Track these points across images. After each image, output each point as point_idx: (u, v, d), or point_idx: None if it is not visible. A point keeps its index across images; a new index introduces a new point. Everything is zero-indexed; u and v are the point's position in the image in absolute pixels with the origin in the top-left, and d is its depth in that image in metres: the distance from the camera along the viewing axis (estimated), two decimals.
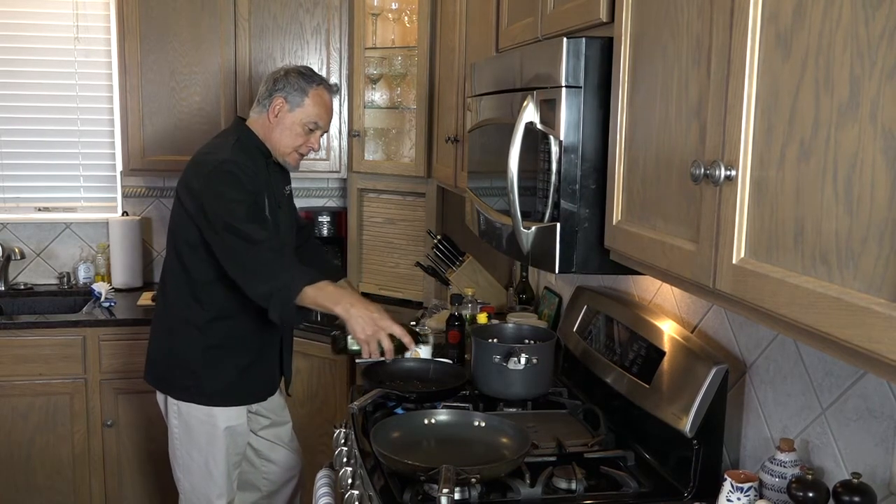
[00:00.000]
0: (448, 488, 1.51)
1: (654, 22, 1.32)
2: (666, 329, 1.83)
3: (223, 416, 2.43)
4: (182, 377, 2.42)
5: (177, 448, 2.49)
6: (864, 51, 0.83)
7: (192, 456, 2.46)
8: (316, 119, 2.42)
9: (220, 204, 2.23)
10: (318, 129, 2.45)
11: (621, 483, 1.74)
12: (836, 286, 0.88)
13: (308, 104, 2.40)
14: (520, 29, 1.97)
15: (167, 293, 2.48)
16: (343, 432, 2.19)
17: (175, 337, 2.44)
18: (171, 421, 2.48)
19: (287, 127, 2.40)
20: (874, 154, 0.82)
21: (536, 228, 1.59)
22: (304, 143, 2.44)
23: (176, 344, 2.43)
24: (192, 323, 2.40)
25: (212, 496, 2.48)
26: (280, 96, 2.39)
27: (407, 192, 3.45)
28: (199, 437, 2.43)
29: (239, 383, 2.44)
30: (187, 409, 2.42)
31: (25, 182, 3.74)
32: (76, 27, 3.67)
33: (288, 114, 2.40)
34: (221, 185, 2.25)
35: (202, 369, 2.40)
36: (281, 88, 2.39)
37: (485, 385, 2.19)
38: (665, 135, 1.28)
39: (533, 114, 1.58)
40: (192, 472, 2.48)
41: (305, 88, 2.40)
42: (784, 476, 1.42)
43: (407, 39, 3.39)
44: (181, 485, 2.53)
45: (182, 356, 2.42)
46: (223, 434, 2.43)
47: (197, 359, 2.40)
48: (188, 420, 2.43)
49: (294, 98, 2.39)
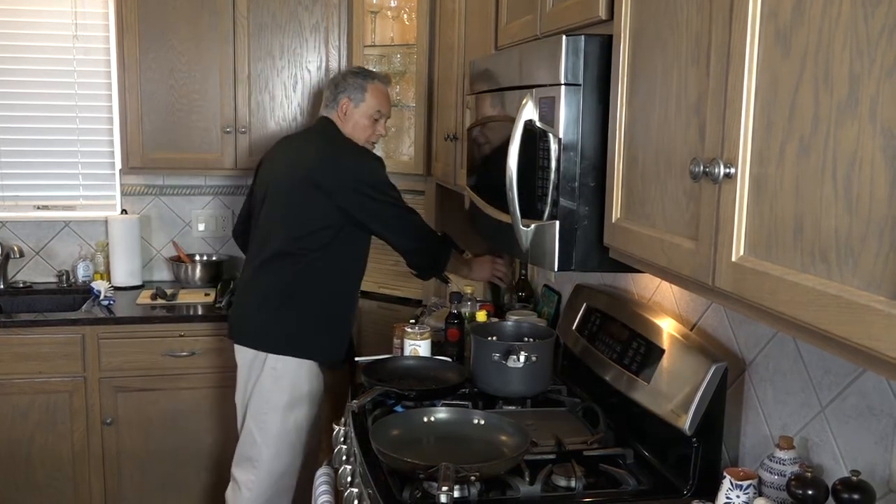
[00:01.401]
0: (447, 486, 1.52)
1: (653, 19, 1.32)
2: (665, 327, 1.83)
3: (313, 371, 2.66)
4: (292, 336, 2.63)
5: (263, 410, 2.62)
6: (864, 48, 0.83)
7: (279, 414, 2.61)
8: (379, 108, 2.74)
9: (386, 192, 2.62)
10: (382, 117, 2.77)
11: (620, 481, 1.74)
12: (835, 284, 0.88)
13: (369, 97, 2.72)
14: (519, 27, 1.97)
15: (279, 265, 2.64)
16: (343, 430, 2.19)
17: (288, 302, 2.63)
18: (265, 383, 2.61)
19: (356, 121, 2.72)
20: (873, 151, 0.82)
21: (536, 226, 1.59)
22: (373, 133, 2.76)
23: (289, 309, 2.63)
24: (302, 292, 2.62)
25: (297, 461, 2.68)
26: (345, 96, 2.72)
27: (406, 190, 3.43)
28: (293, 393, 2.62)
29: (339, 344, 2.71)
30: (288, 364, 2.61)
31: (24, 180, 3.73)
32: (75, 25, 3.66)
33: (354, 110, 2.72)
34: (379, 173, 2.63)
35: (313, 332, 2.64)
36: (343, 90, 2.72)
37: (484, 383, 2.20)
38: (664, 132, 1.28)
39: (532, 112, 1.58)
40: (276, 435, 2.62)
41: (364, 85, 2.73)
42: (783, 474, 1.42)
43: (406, 37, 3.38)
44: (262, 453, 2.63)
45: (291, 319, 2.63)
46: (311, 387, 2.66)
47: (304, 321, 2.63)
48: (284, 376, 2.60)
49: (356, 95, 2.72)
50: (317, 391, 2.70)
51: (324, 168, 2.58)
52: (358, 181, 2.57)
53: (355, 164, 2.62)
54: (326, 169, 2.57)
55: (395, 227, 2.63)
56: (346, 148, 2.68)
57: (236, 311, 2.79)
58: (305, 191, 2.58)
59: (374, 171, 2.62)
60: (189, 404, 3.25)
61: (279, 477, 2.66)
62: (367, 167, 2.62)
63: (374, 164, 2.65)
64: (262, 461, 2.63)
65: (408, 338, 2.44)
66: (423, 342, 2.43)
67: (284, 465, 2.66)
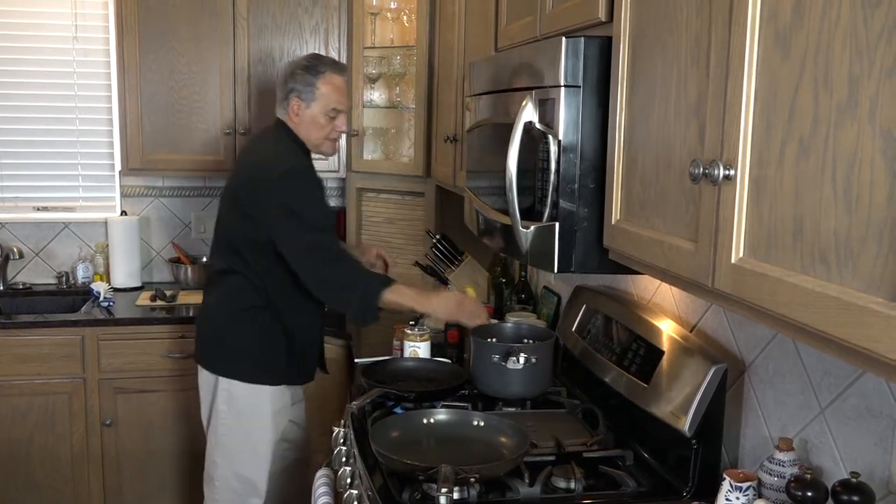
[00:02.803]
0: (447, 488, 1.51)
1: (652, 21, 1.32)
2: (665, 328, 1.83)
3: (271, 395, 2.49)
4: (240, 360, 2.49)
5: (220, 433, 2.51)
6: (863, 50, 0.83)
7: (236, 439, 2.49)
8: (333, 105, 2.49)
9: (295, 216, 2.32)
10: (340, 113, 2.52)
11: (620, 482, 1.74)
12: (834, 285, 0.88)
13: (321, 95, 2.47)
14: (519, 28, 1.97)
15: (224, 282, 2.51)
16: (342, 432, 2.19)
17: (235, 323, 2.49)
18: (220, 406, 2.50)
19: (310, 121, 2.48)
20: (873, 153, 0.82)
21: (535, 228, 1.59)
22: (331, 130, 2.52)
23: (236, 329, 2.49)
24: (249, 311, 2.46)
25: (257, 481, 2.51)
26: (294, 96, 2.47)
27: (406, 191, 3.45)
28: (248, 419, 2.48)
29: (288, 365, 2.52)
30: (241, 389, 2.47)
31: (24, 181, 3.73)
32: (75, 26, 3.67)
33: (306, 110, 2.47)
34: (294, 193, 2.34)
35: (258, 352, 2.48)
36: (292, 89, 2.47)
37: (484, 384, 2.19)
38: (664, 134, 1.28)
39: (532, 113, 1.58)
40: (232, 456, 2.50)
41: (313, 81, 2.46)
42: (783, 475, 1.42)
43: (406, 39, 3.39)
44: (218, 471, 2.53)
45: (240, 340, 2.48)
46: (267, 413, 2.48)
47: (254, 343, 2.47)
48: (238, 401, 2.47)
49: (306, 94, 2.46)
50: (282, 409, 2.54)
51: (251, 183, 2.41)
52: (278, 200, 2.32)
53: (278, 181, 2.34)
54: (254, 184, 2.40)
55: (301, 259, 2.34)
56: (278, 161, 2.40)
57: (196, 327, 2.67)
58: (237, 205, 2.43)
59: (296, 191, 2.34)
60: (188, 405, 3.24)
61: (239, 495, 2.53)
62: (289, 185, 2.34)
63: (299, 183, 2.36)
64: (221, 479, 2.54)
65: (407, 339, 2.44)
66: (422, 344, 2.43)
67: (245, 484, 2.52)
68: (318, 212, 2.39)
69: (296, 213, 2.33)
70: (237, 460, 2.51)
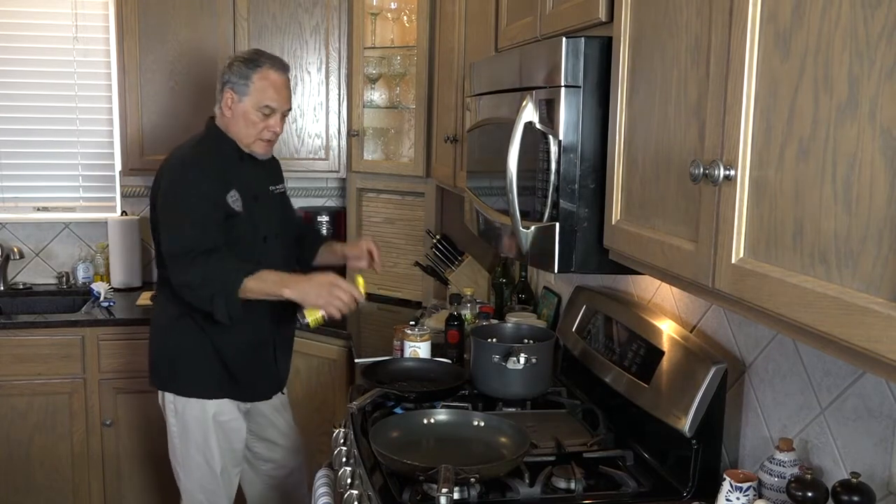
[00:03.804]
0: (447, 488, 1.51)
1: (652, 22, 1.32)
2: (665, 329, 1.83)
3: (214, 409, 2.42)
4: (176, 373, 2.44)
5: (176, 447, 2.49)
6: (863, 50, 0.83)
7: (189, 453, 2.46)
8: (267, 102, 2.36)
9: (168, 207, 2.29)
10: (275, 112, 2.39)
11: (620, 483, 1.74)
12: (834, 285, 0.88)
13: (254, 89, 2.36)
14: (519, 28, 1.97)
15: (160, 292, 2.51)
16: (342, 432, 2.19)
17: (169, 334, 2.46)
18: (169, 419, 2.48)
19: (242, 117, 2.37)
20: (873, 153, 0.82)
21: (535, 228, 1.59)
22: (264, 129, 2.39)
23: (170, 341, 2.45)
24: (181, 320, 2.40)
25: (218, 493, 2.48)
26: (228, 88, 2.37)
27: (406, 191, 3.45)
28: (195, 433, 2.43)
29: (227, 379, 2.43)
30: (182, 404, 2.43)
31: (24, 182, 3.73)
32: (75, 27, 3.67)
33: (239, 104, 2.37)
34: (174, 184, 2.30)
35: (186, 364, 2.42)
36: (227, 80, 2.38)
37: (484, 385, 2.19)
38: (664, 134, 1.28)
39: (532, 113, 1.58)
40: (191, 470, 2.48)
41: (248, 74, 2.36)
42: (783, 476, 1.42)
43: (406, 39, 3.39)
44: (182, 484, 2.53)
45: (175, 353, 2.44)
46: (214, 427, 2.43)
47: (188, 355, 2.41)
48: (184, 415, 2.43)
49: (240, 87, 2.36)
50: (230, 420, 2.45)
51: (156, 184, 2.40)
52: (162, 194, 2.32)
53: (165, 175, 2.33)
54: (160, 189, 2.36)
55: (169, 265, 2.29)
56: (176, 156, 2.38)
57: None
58: (153, 209, 2.42)
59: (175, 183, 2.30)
60: None
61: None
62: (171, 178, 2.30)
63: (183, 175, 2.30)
64: (186, 492, 2.52)
65: (408, 339, 2.44)
66: (422, 344, 2.43)
67: (210, 495, 2.48)
68: (195, 206, 2.26)
69: (168, 204, 2.29)
70: (196, 475, 2.48)
